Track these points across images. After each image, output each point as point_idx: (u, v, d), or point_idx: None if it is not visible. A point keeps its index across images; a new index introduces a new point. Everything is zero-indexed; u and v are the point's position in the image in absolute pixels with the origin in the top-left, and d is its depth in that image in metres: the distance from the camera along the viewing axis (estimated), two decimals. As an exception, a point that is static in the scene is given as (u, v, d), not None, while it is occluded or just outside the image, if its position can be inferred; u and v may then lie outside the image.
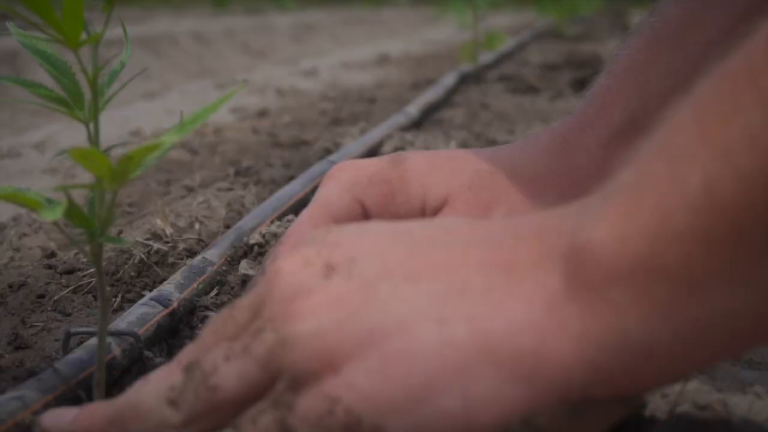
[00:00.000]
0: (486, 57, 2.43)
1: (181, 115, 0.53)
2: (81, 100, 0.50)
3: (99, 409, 0.43)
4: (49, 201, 0.48)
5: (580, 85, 1.99)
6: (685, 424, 0.46)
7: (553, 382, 0.35)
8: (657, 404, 0.49)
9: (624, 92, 0.57)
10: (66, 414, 0.45)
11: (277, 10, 6.71)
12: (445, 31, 5.12)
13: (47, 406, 0.50)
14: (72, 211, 0.47)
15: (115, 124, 1.51)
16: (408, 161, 0.57)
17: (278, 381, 0.37)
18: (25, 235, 0.88)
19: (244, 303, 0.41)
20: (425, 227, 0.40)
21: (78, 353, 0.56)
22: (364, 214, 0.56)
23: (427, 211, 0.57)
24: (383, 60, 2.72)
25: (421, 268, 0.37)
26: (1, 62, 3.02)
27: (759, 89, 0.29)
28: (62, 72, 0.51)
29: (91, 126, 0.49)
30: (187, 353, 0.42)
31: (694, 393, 0.49)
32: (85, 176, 1.16)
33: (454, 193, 0.56)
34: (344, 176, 0.56)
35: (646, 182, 0.33)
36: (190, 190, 0.97)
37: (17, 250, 0.85)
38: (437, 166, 0.57)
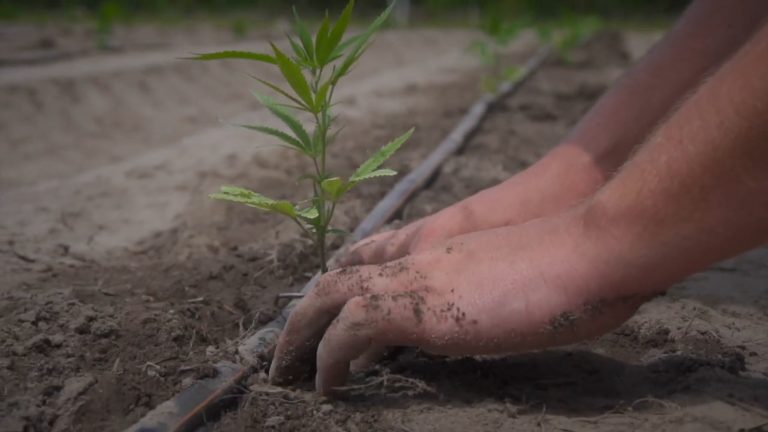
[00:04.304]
0: (504, 86, 2.74)
1: (366, 155, 0.83)
2: (309, 143, 0.80)
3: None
4: (292, 207, 0.77)
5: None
6: (693, 341, 0.76)
7: (579, 290, 0.59)
8: (674, 333, 0.78)
9: (609, 128, 0.87)
10: None
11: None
12: (454, 56, 5.40)
13: (287, 337, 0.79)
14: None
15: (209, 147, 1.80)
16: (474, 212, 0.82)
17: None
18: (192, 236, 1.17)
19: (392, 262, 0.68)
20: (509, 227, 0.69)
21: (289, 309, 0.85)
22: None
23: None
24: (411, 89, 3.03)
25: (503, 242, 0.65)
26: (62, 89, 3.32)
27: (699, 110, 0.55)
28: (296, 125, 0.81)
29: (318, 159, 0.79)
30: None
31: (697, 326, 0.79)
32: (210, 189, 1.44)
33: (511, 221, 0.82)
34: (438, 233, 0.79)
35: (635, 164, 0.59)
36: (311, 202, 1.27)
37: (190, 246, 1.14)
38: (493, 208, 0.84)
